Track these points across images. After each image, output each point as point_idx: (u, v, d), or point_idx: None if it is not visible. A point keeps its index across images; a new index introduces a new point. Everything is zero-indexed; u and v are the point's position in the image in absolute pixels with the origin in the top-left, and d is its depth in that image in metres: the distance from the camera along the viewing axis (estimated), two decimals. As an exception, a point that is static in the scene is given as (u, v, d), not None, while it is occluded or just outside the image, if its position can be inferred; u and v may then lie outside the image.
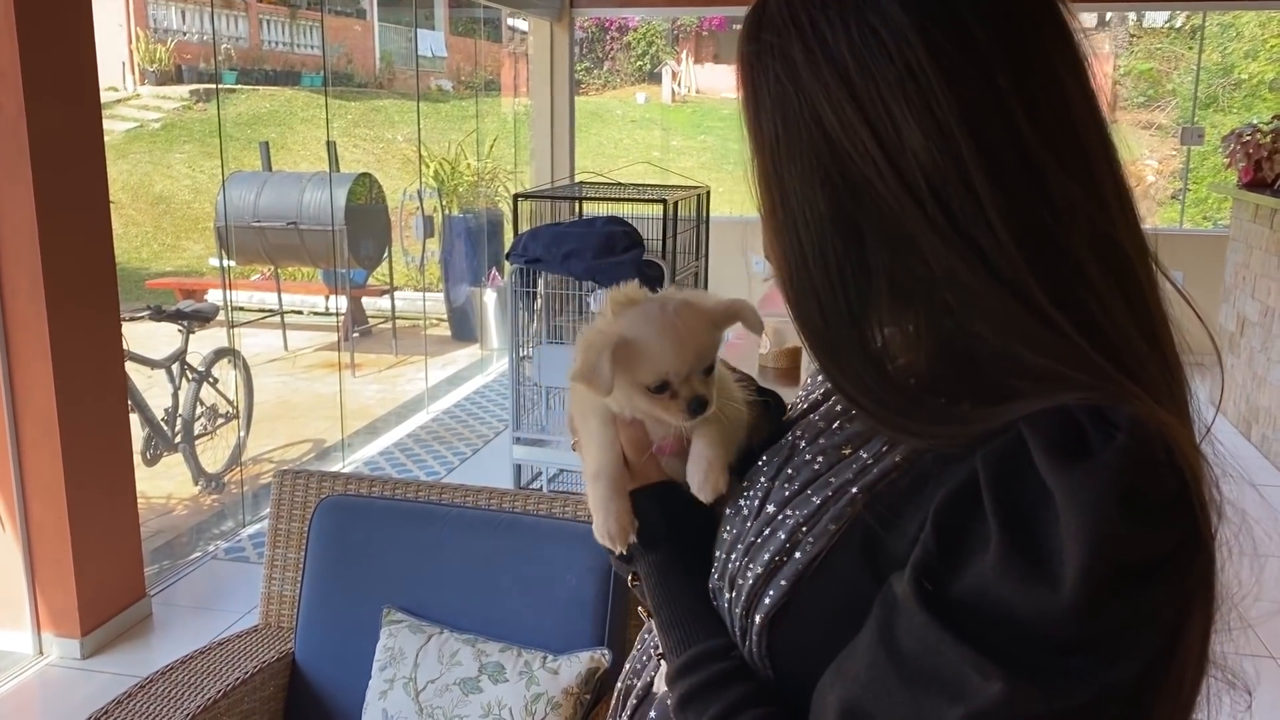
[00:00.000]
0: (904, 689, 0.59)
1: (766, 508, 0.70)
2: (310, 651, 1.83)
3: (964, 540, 0.58)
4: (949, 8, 0.60)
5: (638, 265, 3.32)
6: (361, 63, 11.69)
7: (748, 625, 0.68)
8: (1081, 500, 0.55)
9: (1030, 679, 0.55)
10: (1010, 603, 0.56)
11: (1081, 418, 0.57)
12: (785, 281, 0.68)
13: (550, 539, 1.76)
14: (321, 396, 6.00)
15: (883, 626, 0.61)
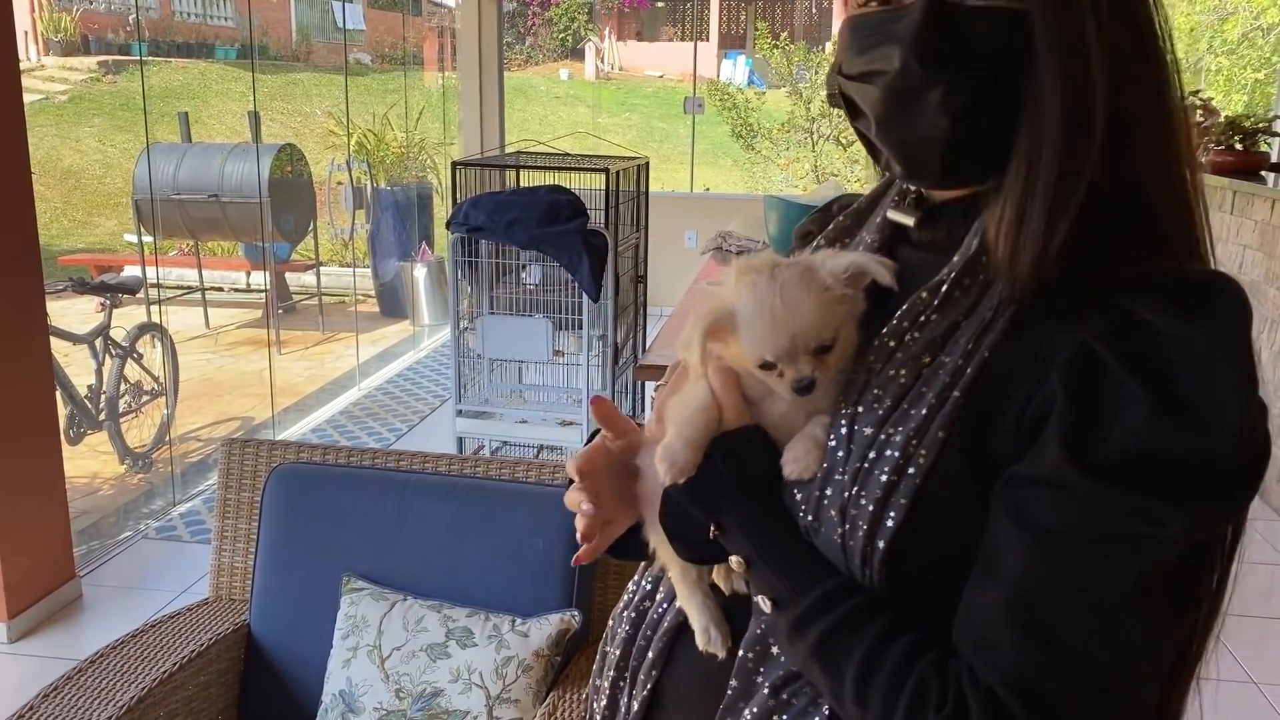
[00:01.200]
0: (1072, 562, 0.61)
1: (862, 431, 0.68)
2: (267, 623, 1.77)
3: (1100, 405, 0.61)
4: None
5: (582, 234, 3.29)
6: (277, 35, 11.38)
7: (870, 553, 0.67)
8: (1223, 343, 0.61)
9: (1202, 512, 0.60)
10: (1173, 448, 0.60)
11: (1175, 287, 0.63)
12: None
13: (515, 503, 1.74)
14: (247, 374, 5.85)
15: (1020, 518, 0.62)
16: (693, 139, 9.14)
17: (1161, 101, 0.68)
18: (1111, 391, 0.61)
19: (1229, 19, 10.95)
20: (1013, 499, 0.64)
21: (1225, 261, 4.77)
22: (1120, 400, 0.61)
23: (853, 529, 0.67)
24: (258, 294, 7.15)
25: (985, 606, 0.64)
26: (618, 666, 0.86)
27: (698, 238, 7.12)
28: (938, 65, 0.66)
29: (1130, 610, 0.61)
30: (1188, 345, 0.61)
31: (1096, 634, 0.61)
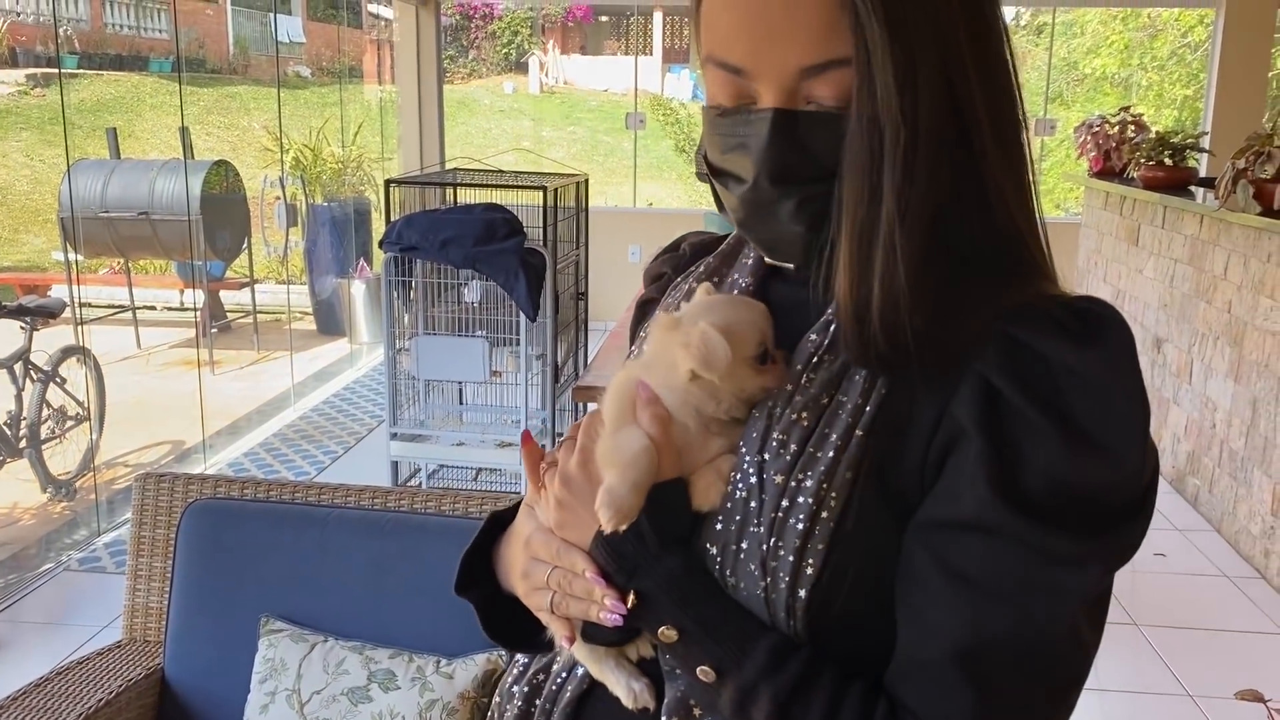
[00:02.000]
0: (1008, 610, 0.62)
1: (772, 479, 0.67)
2: (182, 667, 1.70)
3: (1012, 442, 0.62)
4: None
5: (519, 253, 3.24)
6: (214, 48, 11.19)
7: (793, 603, 0.65)
8: (1120, 376, 0.63)
9: (1115, 546, 0.63)
10: (1084, 483, 0.61)
11: (1054, 310, 0.65)
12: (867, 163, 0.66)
13: (439, 538, 1.68)
14: (179, 396, 5.70)
15: (948, 568, 0.63)
16: (635, 154, 9.13)
17: (1012, 137, 0.69)
18: (1020, 428, 0.62)
19: (1158, 36, 11.21)
20: (935, 546, 0.64)
21: (1156, 275, 4.86)
22: (1029, 437, 0.62)
23: (774, 581, 0.66)
24: (191, 313, 7.00)
25: (927, 663, 0.64)
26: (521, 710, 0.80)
27: (641, 252, 7.11)
28: (786, 180, 0.68)
29: (1066, 646, 0.63)
30: (1084, 378, 0.62)
31: (1040, 674, 0.63)
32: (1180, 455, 4.44)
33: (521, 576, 0.75)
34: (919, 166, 0.64)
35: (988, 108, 0.66)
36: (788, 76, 0.66)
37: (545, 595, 0.72)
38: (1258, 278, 3.84)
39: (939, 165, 0.65)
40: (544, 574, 0.72)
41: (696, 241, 0.91)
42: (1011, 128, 0.69)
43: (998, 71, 0.68)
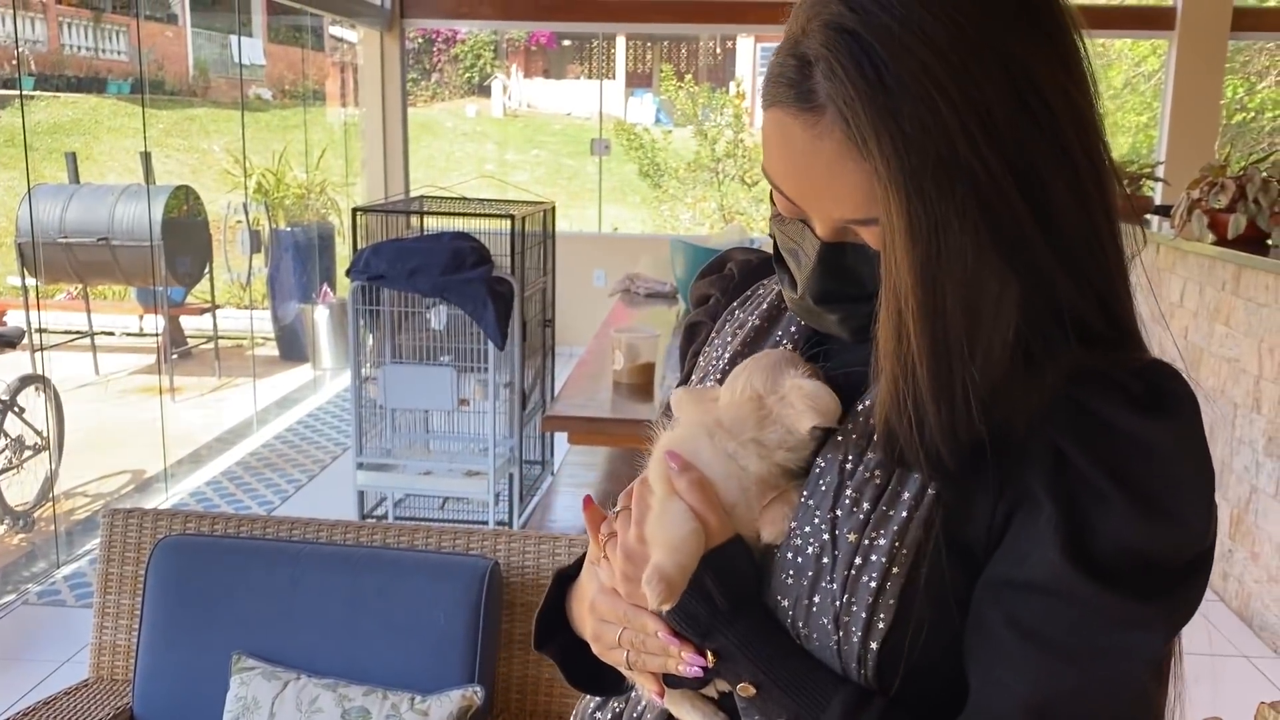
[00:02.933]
0: (1079, 670, 0.64)
1: (845, 537, 0.69)
2: (151, 706, 1.68)
3: (1081, 508, 0.64)
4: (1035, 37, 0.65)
5: (487, 282, 3.25)
6: (173, 70, 11.10)
7: (864, 654, 0.67)
8: (1186, 447, 0.65)
9: (1180, 607, 0.65)
10: (1149, 548, 0.64)
11: (1124, 378, 0.66)
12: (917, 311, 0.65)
13: (413, 573, 1.68)
14: (139, 423, 5.62)
15: (1019, 626, 0.65)
16: (600, 179, 9.17)
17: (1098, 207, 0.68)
18: (1088, 495, 0.64)
19: (1112, 65, 11.45)
20: (1005, 604, 0.66)
21: (1114, 301, 4.95)
22: (1097, 503, 0.64)
23: (847, 635, 0.68)
24: (151, 339, 6.91)
25: (997, 713, 0.67)
26: None
27: (606, 277, 7.12)
28: (829, 300, 0.73)
29: (1134, 704, 0.66)
30: (1152, 447, 0.64)
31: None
32: (1139, 478, 4.51)
33: (593, 639, 0.78)
34: (939, 322, 0.65)
35: (1067, 191, 0.65)
36: (832, 221, 0.70)
37: (620, 654, 0.75)
38: (1213, 305, 3.92)
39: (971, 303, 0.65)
40: (615, 634, 0.75)
41: (743, 260, 0.92)
42: (1095, 200, 0.67)
43: (1075, 152, 0.66)
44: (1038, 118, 0.63)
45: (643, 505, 0.74)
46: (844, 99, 0.63)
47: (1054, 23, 0.66)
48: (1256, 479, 3.55)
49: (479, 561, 1.68)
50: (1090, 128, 0.67)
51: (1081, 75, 0.67)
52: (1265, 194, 3.68)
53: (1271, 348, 3.47)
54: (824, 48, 0.63)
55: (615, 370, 3.15)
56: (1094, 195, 0.66)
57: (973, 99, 0.61)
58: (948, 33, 0.61)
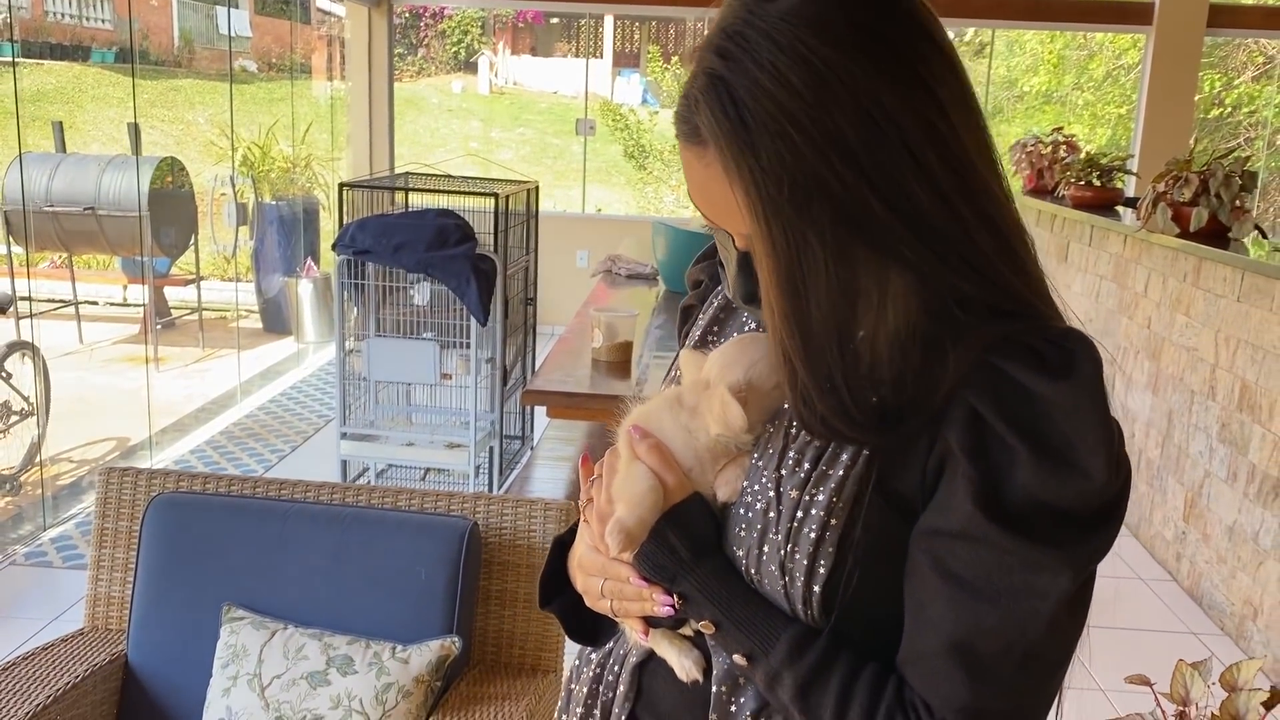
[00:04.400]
0: (993, 608, 0.72)
1: (788, 494, 0.78)
2: (145, 653, 1.77)
3: (994, 463, 0.72)
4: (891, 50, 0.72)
5: (470, 259, 3.33)
6: (158, 40, 11.05)
7: (809, 596, 0.77)
8: (1084, 404, 0.71)
9: (1085, 553, 0.72)
10: (1055, 498, 0.71)
11: (1034, 343, 0.73)
12: (786, 317, 0.74)
13: (396, 532, 1.77)
14: (123, 392, 5.68)
15: (943, 571, 0.73)
16: (584, 161, 9.22)
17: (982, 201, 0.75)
18: (1000, 450, 0.71)
19: (1094, 56, 11.56)
20: (933, 551, 0.74)
21: (1084, 291, 5.07)
22: (1008, 458, 0.71)
23: (792, 580, 0.77)
24: (134, 309, 6.95)
25: (928, 651, 0.75)
26: (585, 703, 0.93)
27: (589, 258, 7.20)
28: (753, 301, 0.80)
29: (1045, 640, 0.73)
30: (1057, 405, 0.71)
31: (1022, 663, 0.73)
32: (1102, 463, 4.64)
33: (583, 592, 0.88)
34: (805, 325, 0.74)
35: (929, 194, 0.73)
36: (738, 234, 0.79)
37: (606, 603, 0.86)
38: (1175, 295, 4.05)
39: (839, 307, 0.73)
40: (598, 586, 0.86)
41: None
42: (958, 198, 0.74)
43: (929, 160, 0.72)
44: (888, 136, 0.71)
45: (611, 471, 0.85)
46: (715, 136, 0.73)
47: (905, 52, 0.73)
48: (1210, 464, 3.68)
49: (459, 521, 1.77)
50: (942, 136, 0.73)
51: (932, 91, 0.73)
52: (1227, 189, 3.80)
53: (1227, 338, 3.60)
54: (700, 92, 0.74)
55: (594, 348, 3.24)
56: (955, 195, 0.73)
57: (826, 128, 0.70)
58: (802, 73, 0.70)
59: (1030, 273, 0.78)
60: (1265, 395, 3.34)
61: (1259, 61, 10.94)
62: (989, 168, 0.76)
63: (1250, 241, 3.81)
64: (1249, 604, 3.37)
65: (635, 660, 0.90)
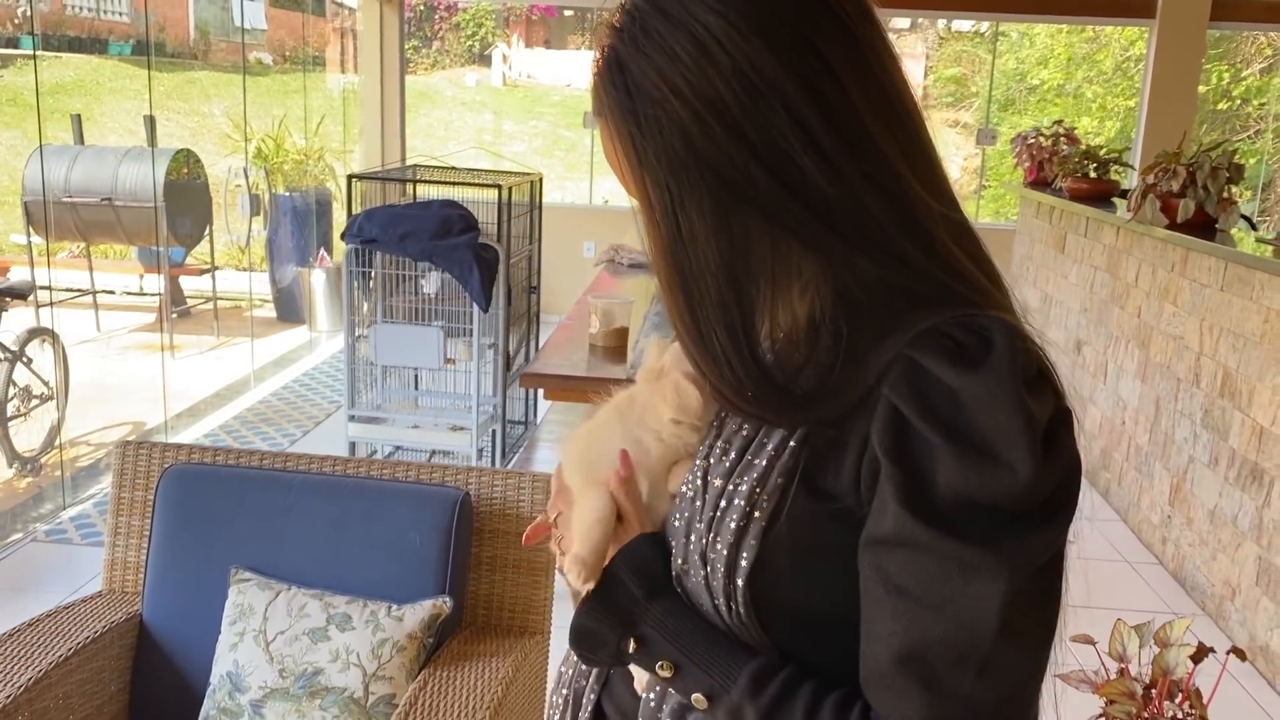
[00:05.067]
0: (936, 614, 0.68)
1: (713, 483, 0.77)
2: (158, 612, 1.90)
3: (917, 462, 0.68)
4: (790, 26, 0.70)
5: (473, 248, 3.45)
6: (174, 32, 11.18)
7: (731, 590, 0.75)
8: (999, 393, 0.67)
9: (1023, 550, 0.68)
10: (983, 493, 0.67)
11: (953, 332, 0.70)
12: (670, 288, 0.74)
13: (393, 501, 1.89)
14: (138, 379, 5.83)
15: (884, 579, 0.70)
16: (592, 151, 9.32)
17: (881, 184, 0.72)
18: (922, 448, 0.68)
19: (1102, 49, 11.59)
20: (874, 560, 0.71)
21: (1079, 282, 5.15)
22: (930, 456, 0.68)
23: (713, 571, 0.75)
24: (150, 298, 7.11)
25: (880, 665, 0.70)
26: (570, 685, 0.93)
27: (595, 248, 7.31)
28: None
29: (1001, 645, 0.67)
30: (974, 397, 0.67)
31: (980, 673, 0.68)
32: (1095, 451, 4.74)
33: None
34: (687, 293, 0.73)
35: (817, 163, 0.70)
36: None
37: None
38: (1163, 285, 4.13)
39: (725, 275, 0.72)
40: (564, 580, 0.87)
41: None
42: (851, 169, 0.71)
43: (816, 130, 0.70)
44: (769, 101, 0.69)
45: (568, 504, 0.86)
46: (604, 108, 0.74)
47: (789, 17, 0.70)
48: (1194, 449, 3.77)
49: (452, 491, 1.89)
50: (829, 103, 0.70)
51: (820, 55, 0.70)
52: (1214, 181, 3.88)
53: (1211, 326, 3.69)
54: (597, 64, 0.74)
55: (591, 334, 3.35)
56: (844, 162, 0.70)
57: (705, 94, 0.69)
58: (684, 41, 0.70)
59: (944, 253, 0.74)
60: (1245, 382, 3.43)
61: (1267, 54, 10.95)
62: (893, 141, 0.72)
63: (1237, 232, 3.89)
64: (1228, 584, 3.47)
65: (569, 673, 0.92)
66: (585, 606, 0.81)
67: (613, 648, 0.80)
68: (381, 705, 1.70)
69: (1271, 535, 3.22)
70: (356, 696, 1.70)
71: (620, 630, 0.80)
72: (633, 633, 0.79)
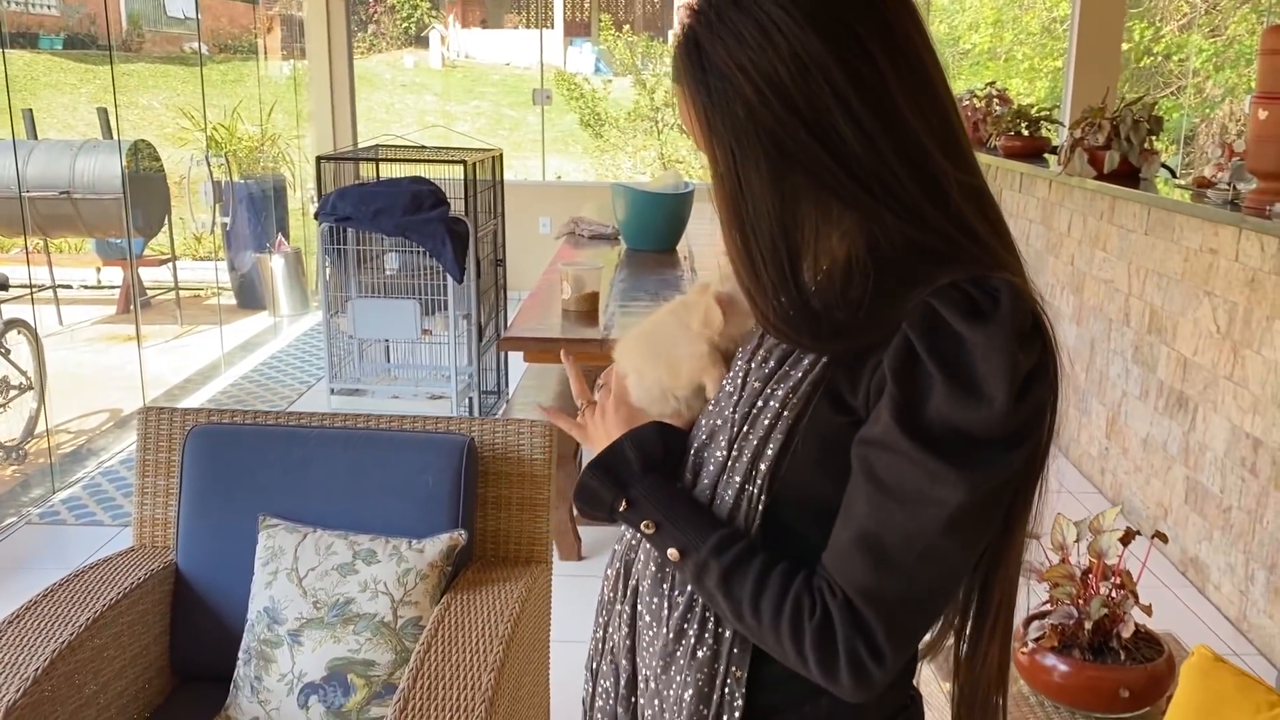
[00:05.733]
0: (899, 508, 0.83)
1: (752, 384, 0.93)
2: (193, 560, 2.06)
3: (915, 387, 0.83)
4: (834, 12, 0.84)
5: (445, 221, 3.61)
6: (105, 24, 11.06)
7: (753, 472, 0.90)
8: (996, 345, 0.81)
9: (984, 473, 0.82)
10: (961, 421, 0.82)
11: (970, 289, 0.84)
12: (730, 231, 0.89)
13: (406, 448, 2.07)
14: (109, 368, 5.91)
15: (867, 472, 0.85)
16: (543, 128, 9.46)
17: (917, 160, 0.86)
18: (924, 378, 0.82)
19: (1029, 11, 11.92)
20: (863, 456, 0.85)
21: (1017, 235, 5.40)
22: (928, 385, 0.82)
23: (739, 454, 0.91)
24: (109, 291, 7.15)
25: (843, 540, 0.86)
26: (622, 558, 1.06)
27: (551, 224, 7.47)
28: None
29: (943, 541, 0.83)
30: (978, 345, 0.81)
31: (920, 558, 0.83)
32: (1036, 393, 5.02)
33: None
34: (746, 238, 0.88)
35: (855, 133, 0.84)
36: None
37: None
38: (1093, 233, 4.41)
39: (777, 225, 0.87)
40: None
41: None
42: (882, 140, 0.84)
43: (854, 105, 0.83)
44: (817, 79, 0.83)
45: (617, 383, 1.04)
46: (681, 77, 0.89)
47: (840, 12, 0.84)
48: (1126, 384, 4.05)
49: (458, 438, 2.07)
50: (866, 82, 0.84)
51: (861, 44, 0.84)
52: (1135, 133, 4.15)
53: (1138, 269, 3.96)
54: (677, 39, 0.89)
55: (564, 299, 3.54)
56: (878, 134, 0.84)
57: (765, 71, 0.83)
58: (750, 27, 0.84)
59: (956, 213, 0.87)
60: (1169, 318, 3.71)
61: (1184, 10, 11.35)
62: (920, 117, 0.86)
63: (1159, 180, 4.17)
64: (1160, 505, 3.76)
65: (620, 549, 1.06)
66: (589, 469, 0.97)
67: (607, 505, 0.96)
68: (410, 627, 1.89)
69: (1197, 456, 3.51)
70: (386, 620, 1.89)
71: (615, 491, 0.96)
72: (625, 494, 0.95)
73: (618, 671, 1.06)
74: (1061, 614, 1.82)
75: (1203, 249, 3.47)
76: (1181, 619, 3.31)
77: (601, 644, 1.09)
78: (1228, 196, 3.48)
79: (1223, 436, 3.34)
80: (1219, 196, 3.51)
